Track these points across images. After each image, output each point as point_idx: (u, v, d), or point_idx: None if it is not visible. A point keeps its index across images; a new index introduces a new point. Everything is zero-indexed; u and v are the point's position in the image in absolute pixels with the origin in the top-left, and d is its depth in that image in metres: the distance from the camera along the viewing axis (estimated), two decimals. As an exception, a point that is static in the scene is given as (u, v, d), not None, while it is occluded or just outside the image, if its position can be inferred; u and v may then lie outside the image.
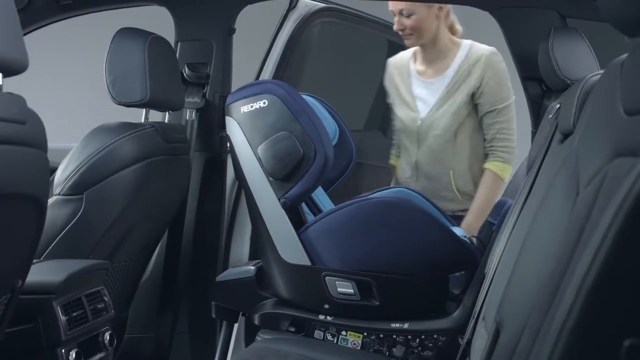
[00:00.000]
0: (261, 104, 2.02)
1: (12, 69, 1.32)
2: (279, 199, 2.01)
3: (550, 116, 1.78)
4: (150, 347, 2.51)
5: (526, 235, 1.36)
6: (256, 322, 2.13)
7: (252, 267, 2.22)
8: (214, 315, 2.30)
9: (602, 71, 1.47)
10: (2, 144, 1.26)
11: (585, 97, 1.42)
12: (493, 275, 1.72)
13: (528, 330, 1.12)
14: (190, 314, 2.56)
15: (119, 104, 2.12)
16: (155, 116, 2.35)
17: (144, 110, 2.22)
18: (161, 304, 2.52)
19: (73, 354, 1.69)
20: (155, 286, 2.52)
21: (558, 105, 1.75)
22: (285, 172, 1.99)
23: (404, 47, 3.40)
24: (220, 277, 2.27)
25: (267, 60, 2.67)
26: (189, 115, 2.50)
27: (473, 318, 1.76)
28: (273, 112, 2.01)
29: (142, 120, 2.22)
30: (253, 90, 2.05)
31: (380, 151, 3.33)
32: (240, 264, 2.36)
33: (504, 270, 1.63)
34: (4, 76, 1.32)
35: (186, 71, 2.47)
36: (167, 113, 2.36)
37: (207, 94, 2.51)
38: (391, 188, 2.35)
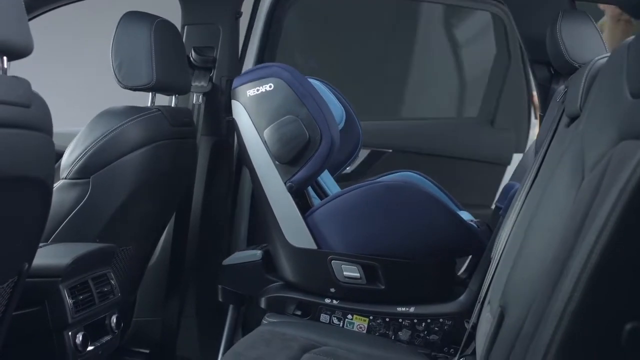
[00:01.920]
0: (267, 87, 2.01)
1: (17, 52, 1.32)
2: (284, 183, 2.01)
3: (558, 100, 1.77)
4: (157, 331, 2.53)
5: (531, 219, 1.36)
6: (262, 305, 2.13)
7: (259, 251, 2.23)
8: (220, 299, 2.30)
9: (609, 54, 1.46)
10: (6, 127, 1.26)
11: (592, 81, 1.40)
12: (499, 260, 1.71)
13: (531, 315, 1.12)
14: (198, 297, 2.57)
15: (125, 87, 2.12)
16: (162, 100, 2.35)
17: (150, 94, 2.22)
18: (168, 288, 2.53)
19: (80, 336, 1.70)
20: (163, 270, 2.53)
21: (565, 89, 1.73)
22: (291, 156, 1.99)
23: (505, 32, 2.94)
24: (227, 261, 2.27)
25: (250, 44, 2.58)
26: (196, 99, 2.49)
27: (479, 302, 1.75)
28: (279, 96, 2.00)
29: (149, 104, 2.22)
30: (259, 73, 2.05)
31: (490, 144, 2.96)
32: (247, 247, 2.37)
33: (510, 254, 1.63)
34: (9, 60, 1.32)
35: (193, 55, 2.47)
36: (173, 97, 2.36)
37: (214, 77, 2.50)
38: (399, 172, 2.34)
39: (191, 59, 2.46)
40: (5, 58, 1.31)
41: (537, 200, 1.44)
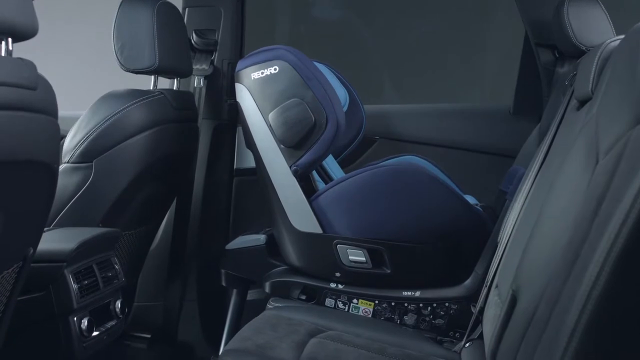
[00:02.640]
0: (272, 70, 1.99)
1: (22, 34, 1.30)
2: (290, 167, 2.00)
3: (566, 83, 1.75)
4: (158, 315, 2.52)
5: (543, 204, 1.35)
6: (267, 290, 2.12)
7: (263, 235, 2.22)
8: (224, 284, 2.29)
9: (621, 37, 1.44)
10: (13, 109, 1.24)
11: (604, 63, 1.39)
12: (506, 244, 1.71)
13: (545, 299, 1.11)
14: (199, 282, 2.56)
15: (128, 70, 2.10)
16: (161, 84, 2.32)
17: (153, 77, 2.19)
18: (169, 272, 2.52)
19: (85, 322, 1.69)
20: (164, 254, 2.52)
21: (574, 72, 1.72)
22: (297, 140, 1.97)
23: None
24: (230, 245, 2.26)
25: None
26: (197, 82, 2.47)
27: (485, 286, 1.75)
28: (284, 79, 1.98)
29: (151, 87, 2.19)
30: (264, 56, 2.02)
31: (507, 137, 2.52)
32: (250, 232, 2.35)
33: (518, 239, 1.62)
34: (14, 41, 1.30)
35: (194, 38, 2.44)
36: (175, 80, 2.34)
37: (215, 61, 2.48)
38: (401, 156, 2.33)
39: (192, 41, 2.43)
40: (9, 39, 1.29)
41: (549, 184, 1.43)
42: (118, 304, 1.87)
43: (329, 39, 3.23)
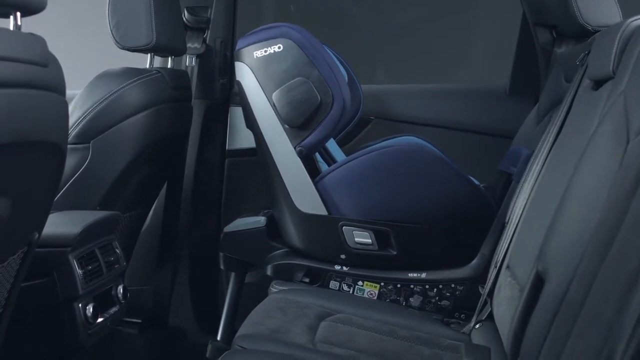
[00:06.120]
0: (276, 48, 1.94)
1: (31, 8, 1.24)
2: (294, 147, 1.96)
3: (577, 62, 1.74)
4: (149, 299, 2.48)
5: (568, 185, 1.33)
6: (269, 272, 2.09)
7: (262, 217, 2.17)
8: (222, 267, 2.25)
9: (642, 15, 1.43)
10: (25, 87, 1.18)
11: (625, 42, 1.37)
12: (517, 225, 1.69)
13: (577, 280, 1.09)
14: (191, 265, 2.51)
15: (123, 48, 2.04)
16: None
17: (149, 55, 2.14)
18: (160, 256, 2.48)
19: (90, 308, 1.64)
20: (155, 237, 2.47)
21: (586, 51, 1.70)
22: (302, 120, 1.93)
23: None
24: (229, 228, 2.21)
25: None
26: (189, 61, 2.42)
27: (495, 267, 1.74)
28: (289, 57, 1.93)
29: (147, 66, 2.14)
30: (267, 34, 1.97)
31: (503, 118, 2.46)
32: (249, 213, 2.31)
33: (531, 220, 1.61)
34: (22, 15, 1.24)
35: (186, 15, 2.38)
36: (169, 59, 2.28)
37: (208, 39, 2.43)
38: (398, 136, 2.30)
39: (184, 19, 2.37)
40: (18, 14, 1.23)
41: (566, 165, 1.41)
42: (120, 289, 1.82)
43: (319, 19, 3.18)
